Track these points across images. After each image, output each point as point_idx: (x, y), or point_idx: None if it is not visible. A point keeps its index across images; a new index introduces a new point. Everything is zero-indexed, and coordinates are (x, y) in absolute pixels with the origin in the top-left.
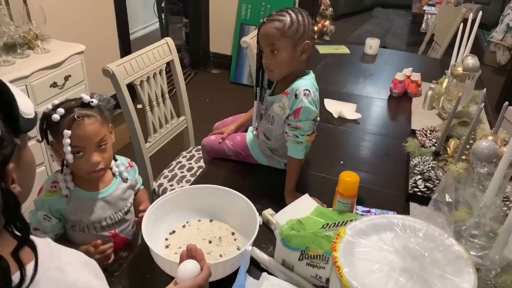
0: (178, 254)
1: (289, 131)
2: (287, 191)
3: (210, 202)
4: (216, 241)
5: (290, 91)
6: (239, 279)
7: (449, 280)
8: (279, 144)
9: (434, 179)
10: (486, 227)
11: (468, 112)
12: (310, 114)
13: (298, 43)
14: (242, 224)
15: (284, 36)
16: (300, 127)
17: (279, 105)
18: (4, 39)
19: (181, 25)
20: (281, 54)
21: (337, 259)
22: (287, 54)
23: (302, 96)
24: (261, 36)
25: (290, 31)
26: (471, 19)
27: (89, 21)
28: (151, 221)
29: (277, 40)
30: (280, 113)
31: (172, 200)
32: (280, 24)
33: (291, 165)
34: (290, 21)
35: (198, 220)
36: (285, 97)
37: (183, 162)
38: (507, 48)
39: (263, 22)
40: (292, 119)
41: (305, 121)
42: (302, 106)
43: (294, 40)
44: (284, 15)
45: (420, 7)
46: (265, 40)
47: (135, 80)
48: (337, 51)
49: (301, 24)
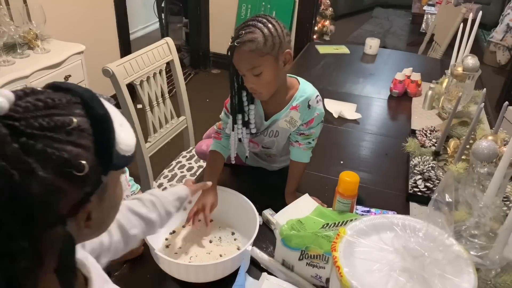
0: (178, 254)
1: (301, 140)
2: (288, 192)
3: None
4: (216, 241)
5: (300, 104)
6: (239, 279)
7: (449, 280)
8: (279, 150)
9: (434, 179)
10: (486, 227)
11: (468, 112)
12: (321, 117)
13: (278, 56)
14: (242, 224)
15: (262, 55)
16: (313, 133)
17: (285, 120)
18: (4, 39)
19: (181, 25)
20: (265, 74)
21: (337, 259)
22: (271, 72)
23: (316, 104)
24: (238, 62)
25: (266, 48)
26: (471, 19)
27: (89, 21)
28: None
29: (257, 62)
30: (286, 127)
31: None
32: (253, 44)
33: (297, 168)
34: (263, 36)
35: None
36: (294, 111)
37: (183, 162)
38: (507, 48)
39: (233, 45)
40: (304, 128)
41: (317, 126)
42: (317, 114)
43: (274, 54)
44: (254, 31)
45: (420, 7)
46: (243, 65)
47: (135, 80)
48: (337, 51)
49: (275, 35)
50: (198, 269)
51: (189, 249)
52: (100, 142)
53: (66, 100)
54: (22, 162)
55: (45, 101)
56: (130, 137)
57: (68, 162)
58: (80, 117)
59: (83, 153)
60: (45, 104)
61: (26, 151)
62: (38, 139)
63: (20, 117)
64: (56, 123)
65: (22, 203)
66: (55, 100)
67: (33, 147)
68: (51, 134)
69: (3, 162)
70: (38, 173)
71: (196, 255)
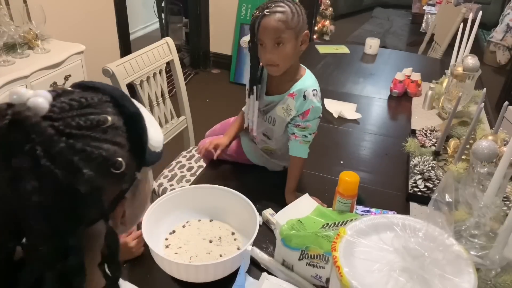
0: (178, 254)
1: (297, 131)
2: (288, 190)
3: (210, 202)
4: (216, 241)
5: (297, 92)
6: (239, 279)
7: (449, 280)
8: (279, 145)
9: (434, 179)
10: (486, 227)
11: (468, 112)
12: (318, 113)
13: (299, 34)
14: (242, 224)
15: (288, 28)
16: (309, 126)
17: (282, 107)
18: (4, 39)
19: (181, 25)
20: (286, 46)
21: (337, 259)
22: (291, 46)
23: (312, 97)
24: (264, 30)
25: (293, 22)
26: (471, 19)
27: (89, 21)
28: (151, 220)
29: (283, 33)
30: (283, 116)
31: (172, 200)
32: (283, 15)
33: (295, 165)
34: (291, 11)
35: (198, 220)
36: (290, 99)
37: (183, 162)
38: (507, 48)
39: (263, 14)
40: (300, 119)
41: (313, 120)
42: (312, 107)
43: (296, 31)
44: (283, 6)
45: (420, 7)
46: (270, 33)
47: (135, 80)
48: (337, 51)
49: (300, 14)
50: (198, 269)
51: (189, 249)
52: (133, 139)
53: (98, 99)
54: (68, 162)
55: (79, 101)
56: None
57: (106, 159)
58: (113, 115)
59: (119, 150)
60: (80, 104)
61: (70, 151)
62: (77, 139)
63: (58, 117)
64: (92, 122)
65: (69, 202)
66: (88, 99)
67: (74, 146)
68: (89, 132)
69: (48, 162)
70: (83, 171)
71: (196, 255)
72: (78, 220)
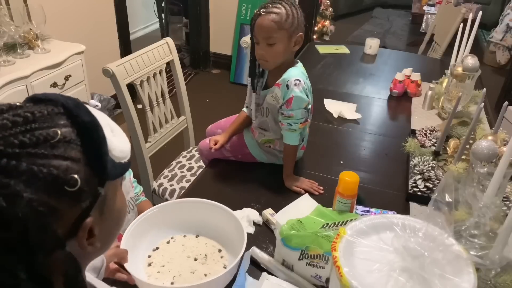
0: (160, 273)
1: (282, 120)
2: (286, 174)
3: (196, 216)
4: (201, 259)
5: (281, 82)
6: (239, 279)
7: (449, 280)
8: (278, 135)
9: (434, 179)
10: (486, 227)
11: (468, 112)
12: (302, 103)
13: (292, 35)
14: (229, 239)
15: (280, 28)
16: (292, 115)
17: (271, 96)
18: (4, 39)
19: (181, 25)
20: (277, 46)
21: (337, 259)
22: (283, 46)
23: (293, 86)
24: (258, 28)
25: (286, 24)
26: (471, 19)
27: (89, 21)
28: (133, 237)
29: (274, 33)
30: (273, 103)
31: (156, 215)
32: (276, 16)
33: (287, 151)
34: (286, 13)
35: (184, 236)
36: (277, 88)
37: (183, 162)
38: (507, 48)
39: (259, 13)
40: (285, 108)
41: (297, 109)
42: (293, 96)
43: (290, 32)
44: (279, 7)
45: (420, 7)
46: (262, 32)
47: (135, 80)
48: (337, 51)
49: (295, 17)
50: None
51: (172, 268)
52: (90, 152)
53: (48, 111)
54: (3, 186)
55: (24, 116)
56: (124, 143)
57: (57, 178)
58: (65, 127)
59: (73, 166)
60: (25, 119)
61: (7, 173)
62: (21, 158)
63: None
64: (39, 138)
65: (12, 231)
66: (35, 113)
67: (16, 167)
68: (35, 150)
69: None
70: (23, 195)
71: (180, 274)
72: (29, 251)
